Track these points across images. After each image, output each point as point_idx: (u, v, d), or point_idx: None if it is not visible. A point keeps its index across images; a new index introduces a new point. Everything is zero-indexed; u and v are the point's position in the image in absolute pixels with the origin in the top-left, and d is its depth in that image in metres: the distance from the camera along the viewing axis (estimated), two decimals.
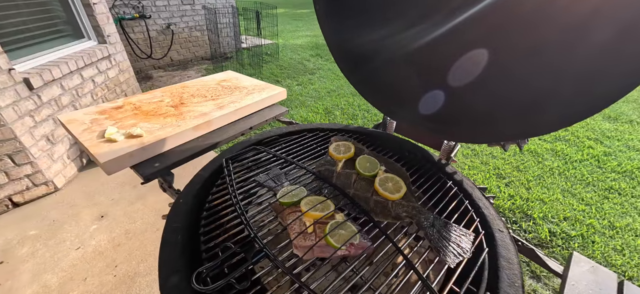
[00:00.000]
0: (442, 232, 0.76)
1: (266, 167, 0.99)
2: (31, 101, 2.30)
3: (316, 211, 0.72)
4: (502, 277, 0.67)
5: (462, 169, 2.97)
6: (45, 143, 2.40)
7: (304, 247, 0.67)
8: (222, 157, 0.97)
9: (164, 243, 0.71)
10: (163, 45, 5.48)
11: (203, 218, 0.78)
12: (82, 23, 3.16)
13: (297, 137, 1.19)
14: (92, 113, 1.08)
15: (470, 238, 0.75)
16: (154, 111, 1.13)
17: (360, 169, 0.92)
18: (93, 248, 1.99)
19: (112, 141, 0.92)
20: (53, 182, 2.45)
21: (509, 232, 0.81)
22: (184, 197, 0.84)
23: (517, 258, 0.73)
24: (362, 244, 0.66)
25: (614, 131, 3.71)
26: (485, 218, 0.85)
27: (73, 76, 2.77)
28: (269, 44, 7.39)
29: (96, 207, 2.34)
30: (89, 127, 0.99)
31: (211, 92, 1.35)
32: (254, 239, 0.67)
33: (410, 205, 0.84)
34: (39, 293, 1.71)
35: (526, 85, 0.78)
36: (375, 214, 0.82)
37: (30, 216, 2.25)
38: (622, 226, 2.26)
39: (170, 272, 0.63)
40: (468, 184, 1.00)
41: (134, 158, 0.91)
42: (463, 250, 0.72)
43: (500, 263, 0.71)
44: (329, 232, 0.65)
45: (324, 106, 4.24)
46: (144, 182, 0.91)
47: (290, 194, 0.79)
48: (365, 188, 0.88)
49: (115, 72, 3.48)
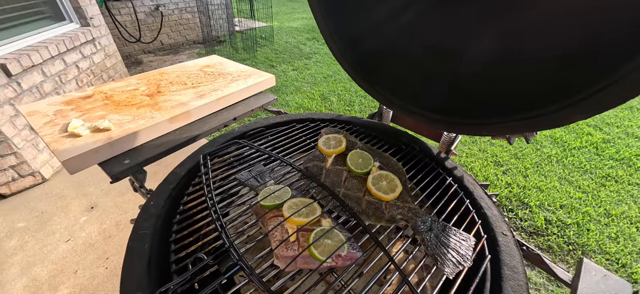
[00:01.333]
0: (440, 237, 0.69)
1: (249, 163, 0.90)
2: (10, 89, 2.18)
3: (300, 216, 0.63)
4: (506, 289, 0.60)
5: (460, 157, 2.91)
6: (28, 132, 2.31)
7: (286, 257, 0.59)
8: (200, 154, 0.88)
9: (129, 252, 0.63)
10: (152, 29, 5.26)
11: (175, 223, 0.70)
12: (61, 4, 2.99)
13: (285, 129, 1.10)
14: (57, 103, 0.98)
15: (471, 243, 0.68)
16: (126, 101, 1.02)
17: (352, 166, 0.83)
18: (83, 240, 1.96)
19: (75, 136, 0.83)
20: (40, 173, 2.38)
21: (513, 236, 0.73)
22: (156, 199, 0.75)
23: (523, 267, 0.66)
24: (350, 255, 0.58)
25: (614, 117, 3.66)
26: (487, 220, 0.78)
27: (55, 62, 2.64)
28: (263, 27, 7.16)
29: (86, 198, 2.30)
30: (52, 120, 0.89)
31: (192, 79, 1.24)
32: (229, 249, 0.60)
33: (405, 206, 0.76)
34: (28, 286, 1.68)
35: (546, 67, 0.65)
36: (367, 216, 0.74)
37: (18, 207, 2.19)
38: (618, 214, 2.26)
39: (133, 288, 0.56)
40: (469, 181, 0.92)
41: (100, 155, 0.82)
42: (463, 258, 0.65)
43: (503, 273, 0.64)
44: (313, 242, 0.58)
45: (320, 92, 4.13)
46: (113, 181, 0.82)
47: (273, 195, 0.71)
48: (356, 187, 0.80)
49: (101, 56, 3.33)
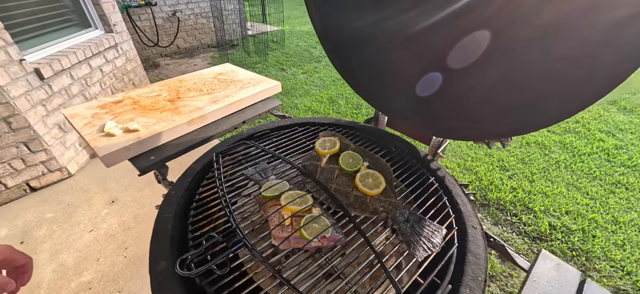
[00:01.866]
0: (415, 227, 0.80)
1: (255, 161, 1.04)
2: (43, 91, 2.40)
3: (294, 204, 0.77)
4: (466, 271, 0.71)
5: (465, 161, 2.95)
6: (57, 131, 2.52)
7: (281, 238, 0.72)
8: (213, 152, 1.02)
9: (155, 231, 0.78)
10: (170, 33, 5.53)
11: (192, 209, 0.84)
12: (88, 12, 3.23)
13: (288, 132, 1.24)
14: (93, 107, 1.15)
15: (442, 233, 0.79)
16: (151, 106, 1.19)
17: (343, 165, 0.96)
18: (105, 231, 2.12)
19: (111, 135, 0.99)
20: (66, 169, 2.58)
21: (482, 228, 0.84)
22: (176, 190, 0.90)
23: (485, 254, 0.76)
24: (333, 237, 0.71)
25: (629, 124, 3.57)
26: (461, 215, 0.89)
27: (82, 66, 2.86)
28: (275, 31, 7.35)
29: (107, 192, 2.47)
30: (90, 122, 1.06)
31: (207, 86, 1.40)
32: (235, 230, 0.73)
33: (387, 200, 0.88)
34: (56, 271, 1.84)
35: (524, 81, 0.75)
36: (354, 208, 0.87)
37: (47, 200, 2.39)
38: (626, 221, 2.23)
39: (159, 258, 0.70)
40: (450, 181, 1.03)
41: (131, 152, 0.98)
42: (433, 245, 0.76)
43: (467, 258, 0.75)
44: (303, 225, 0.71)
45: (329, 95, 4.24)
46: (141, 174, 0.98)
47: (273, 187, 0.84)
48: (346, 183, 0.93)
49: (123, 61, 3.56)
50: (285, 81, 4.75)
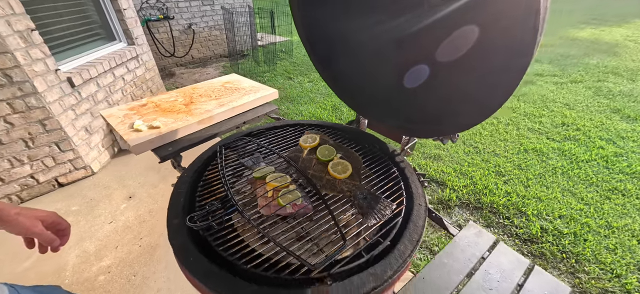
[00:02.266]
0: (371, 203, 1.03)
1: (251, 153, 1.29)
2: (73, 97, 2.71)
3: (275, 182, 1.01)
4: (405, 234, 0.93)
5: (461, 166, 3.00)
6: (84, 133, 2.82)
7: (263, 205, 0.96)
8: (218, 145, 1.28)
9: (171, 203, 1.03)
10: (185, 44, 5.94)
11: (199, 187, 1.10)
12: (114, 27, 3.61)
13: (280, 131, 1.49)
14: (124, 110, 1.44)
15: (391, 207, 1.02)
16: (169, 108, 1.46)
17: (319, 156, 1.20)
18: (123, 223, 2.31)
19: (138, 131, 1.26)
20: (90, 167, 2.87)
21: (426, 205, 1.06)
22: (187, 173, 1.16)
23: (424, 223, 0.98)
24: (303, 205, 0.95)
25: (631, 132, 3.47)
26: (411, 195, 1.11)
27: (107, 75, 3.20)
28: (284, 41, 7.68)
29: (125, 189, 2.69)
30: (122, 121, 1.34)
31: (216, 93, 1.67)
32: (231, 200, 0.98)
33: (352, 183, 1.11)
34: (80, 256, 2.05)
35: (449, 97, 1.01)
36: (325, 188, 1.10)
37: (73, 194, 2.65)
38: (620, 226, 2.23)
39: (174, 217, 0.95)
40: (409, 170, 1.25)
41: (154, 143, 1.25)
42: (382, 215, 0.98)
43: (409, 226, 0.97)
44: (280, 195, 0.95)
45: (332, 103, 4.39)
46: (161, 161, 1.25)
47: (261, 170, 1.09)
48: (321, 169, 1.16)
49: (142, 70, 3.92)
50: (292, 89, 4.92)
